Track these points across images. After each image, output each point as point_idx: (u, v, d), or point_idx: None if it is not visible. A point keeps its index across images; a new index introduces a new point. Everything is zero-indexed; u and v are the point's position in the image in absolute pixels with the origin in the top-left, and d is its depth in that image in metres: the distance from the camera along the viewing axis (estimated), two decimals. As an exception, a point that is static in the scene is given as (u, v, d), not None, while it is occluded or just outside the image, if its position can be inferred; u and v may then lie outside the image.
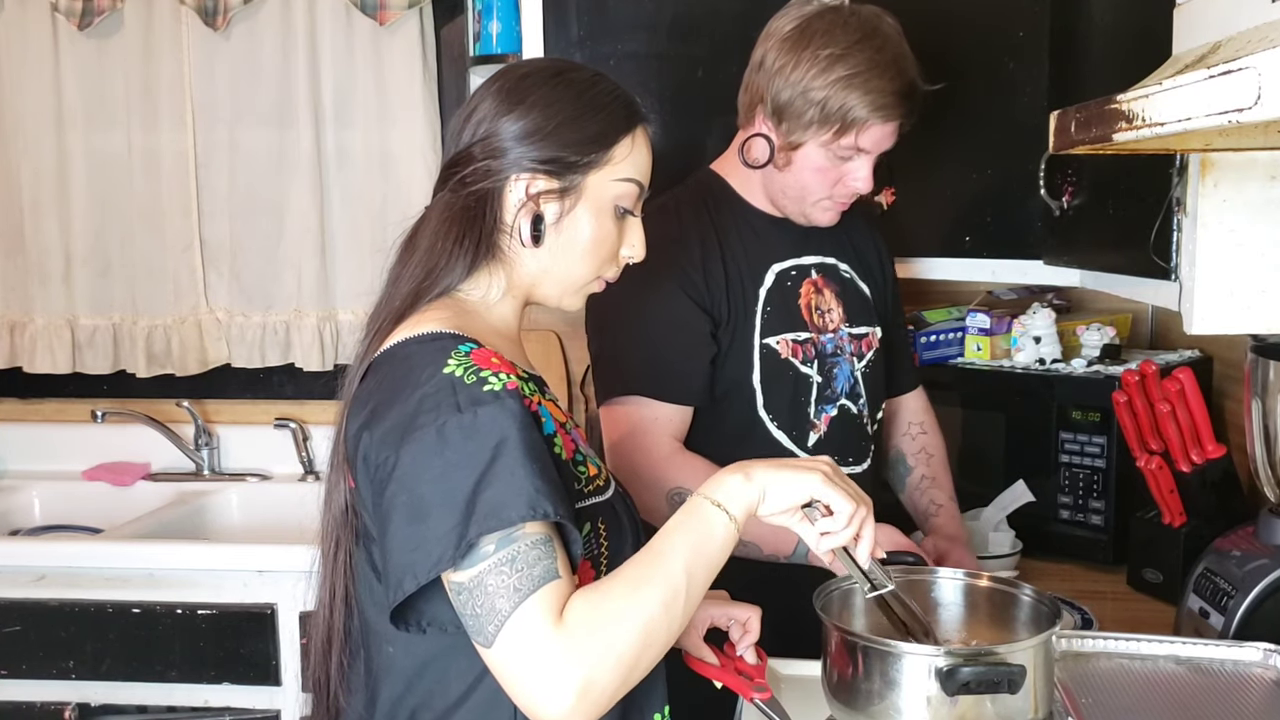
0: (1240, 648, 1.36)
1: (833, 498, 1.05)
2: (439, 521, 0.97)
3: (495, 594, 0.95)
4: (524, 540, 0.96)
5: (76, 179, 2.60)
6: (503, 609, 0.95)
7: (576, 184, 1.14)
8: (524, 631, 0.94)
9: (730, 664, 1.26)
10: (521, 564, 0.95)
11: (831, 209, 1.64)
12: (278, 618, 2.07)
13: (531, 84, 1.14)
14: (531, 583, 0.95)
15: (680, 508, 1.05)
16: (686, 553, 1.01)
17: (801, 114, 1.54)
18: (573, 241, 1.15)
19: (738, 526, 1.04)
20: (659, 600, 0.99)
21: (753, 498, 1.05)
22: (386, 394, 1.05)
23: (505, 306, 1.18)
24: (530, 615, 0.94)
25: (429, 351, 1.05)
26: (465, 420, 0.99)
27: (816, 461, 1.09)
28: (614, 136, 1.15)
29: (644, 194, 1.20)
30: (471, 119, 1.16)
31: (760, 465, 1.07)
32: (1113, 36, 1.61)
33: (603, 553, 1.12)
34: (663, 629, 0.99)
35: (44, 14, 2.55)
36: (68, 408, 2.73)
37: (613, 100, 1.16)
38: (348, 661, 1.15)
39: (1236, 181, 1.28)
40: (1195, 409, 1.72)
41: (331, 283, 2.61)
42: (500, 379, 1.03)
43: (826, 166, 1.58)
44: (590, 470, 1.15)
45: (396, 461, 1.00)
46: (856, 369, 1.71)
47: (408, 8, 2.47)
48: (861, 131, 1.54)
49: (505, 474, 0.97)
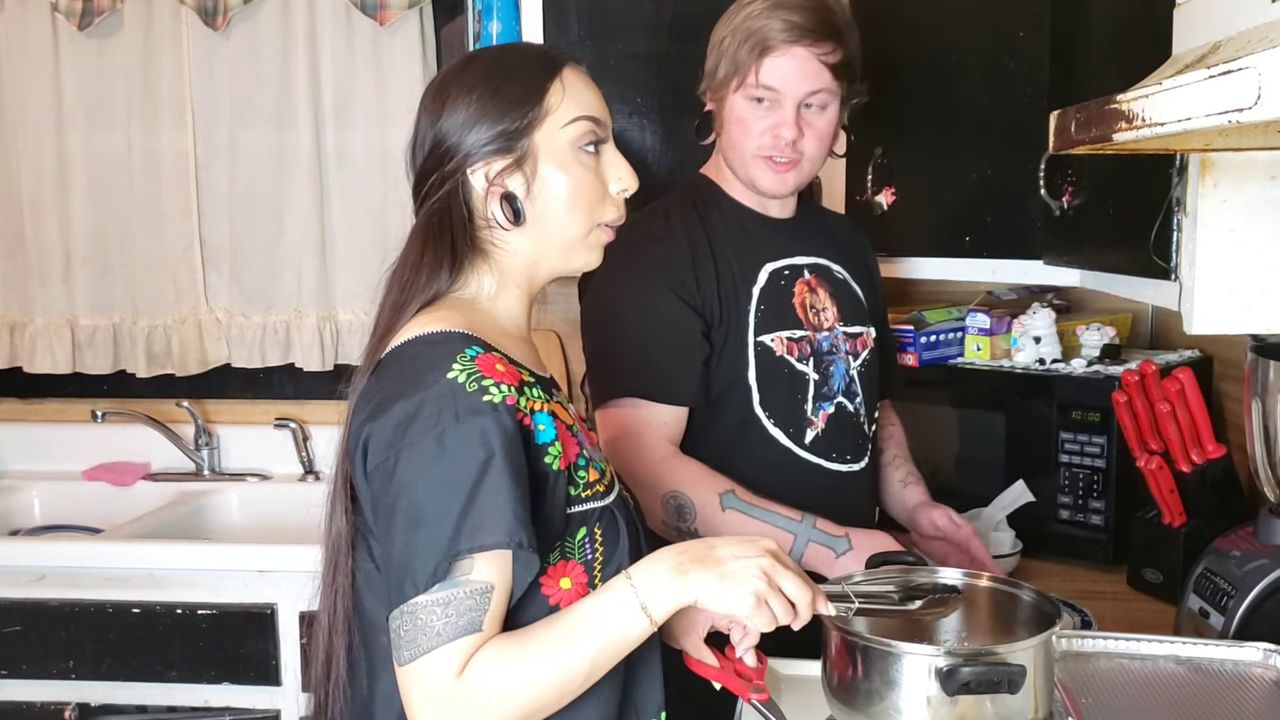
0: (1240, 648, 1.36)
1: (758, 622, 1.05)
2: (435, 531, 1.00)
3: (421, 629, 1.00)
4: (465, 587, 1.00)
5: (76, 179, 2.60)
6: (421, 645, 1.00)
7: (527, 148, 1.13)
8: (427, 674, 1.00)
9: (730, 665, 1.26)
10: (453, 610, 1.00)
11: (768, 170, 1.62)
12: (278, 618, 2.07)
13: (448, 81, 1.16)
14: (454, 631, 0.99)
15: (605, 590, 1.05)
16: (599, 646, 1.03)
17: (717, 69, 1.61)
18: (551, 202, 1.15)
19: (656, 627, 1.04)
20: (555, 681, 1.02)
21: (682, 602, 1.04)
22: (391, 391, 1.06)
23: (509, 301, 1.18)
24: (437, 662, 0.99)
25: (436, 353, 1.06)
26: (462, 430, 1.01)
27: (759, 557, 1.05)
28: (540, 87, 1.14)
29: (605, 125, 1.18)
30: (416, 142, 1.18)
31: (700, 569, 1.04)
32: (1113, 36, 1.61)
33: (596, 558, 1.12)
34: (551, 705, 1.03)
35: (44, 14, 2.56)
36: (68, 408, 2.73)
37: (525, 57, 1.17)
38: (348, 662, 1.15)
39: (1236, 181, 1.28)
40: (1195, 409, 1.72)
41: (331, 283, 2.61)
42: (500, 390, 1.03)
43: (746, 116, 1.60)
44: (591, 475, 1.14)
45: (396, 464, 1.02)
46: (852, 368, 1.71)
47: (408, 8, 2.47)
48: (761, 64, 1.56)
49: (492, 493, 1.00)
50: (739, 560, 1.05)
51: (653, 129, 2.03)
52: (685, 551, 1.07)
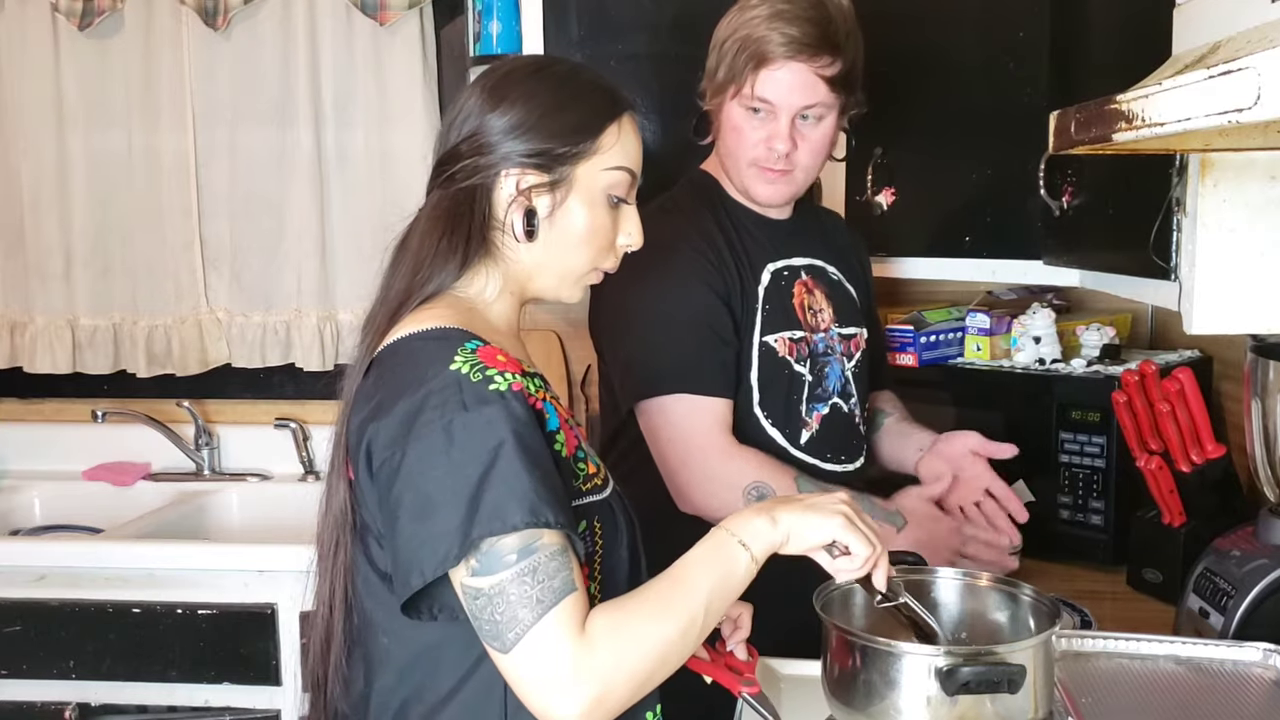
0: (1240, 648, 1.36)
1: (852, 541, 1.09)
2: (445, 519, 0.99)
3: (518, 603, 0.97)
4: (544, 551, 0.98)
5: (76, 179, 2.60)
6: (525, 619, 0.97)
7: (566, 176, 1.14)
8: (546, 642, 0.97)
9: (720, 659, 1.27)
10: (543, 575, 0.98)
11: (762, 179, 1.63)
12: (278, 618, 2.07)
13: (514, 80, 1.15)
14: (553, 595, 0.98)
15: (706, 540, 1.07)
16: (709, 586, 1.04)
17: (714, 74, 1.60)
18: (566, 233, 1.15)
19: (758, 565, 1.07)
20: (678, 628, 1.02)
21: (777, 539, 1.08)
22: (392, 389, 1.05)
23: (503, 303, 1.19)
24: (553, 627, 0.97)
25: (435, 348, 1.06)
26: (471, 419, 1.00)
27: (838, 501, 1.11)
28: (600, 125, 1.15)
29: (636, 182, 1.20)
30: (457, 119, 1.17)
31: (785, 507, 1.09)
32: (1113, 36, 1.61)
33: (597, 551, 1.13)
34: (676, 654, 1.03)
35: (44, 14, 2.55)
36: (68, 408, 2.73)
37: (594, 90, 1.17)
38: (346, 659, 1.15)
39: (1236, 181, 1.28)
40: (1195, 409, 1.72)
41: (331, 283, 2.61)
42: (506, 378, 1.03)
43: (741, 125, 1.59)
44: (589, 468, 1.15)
45: (403, 458, 1.01)
46: (847, 368, 1.72)
47: (408, 8, 2.47)
48: (757, 76, 1.55)
49: (509, 476, 0.99)
50: (820, 499, 1.12)
51: (652, 129, 2.03)
52: (768, 501, 1.12)
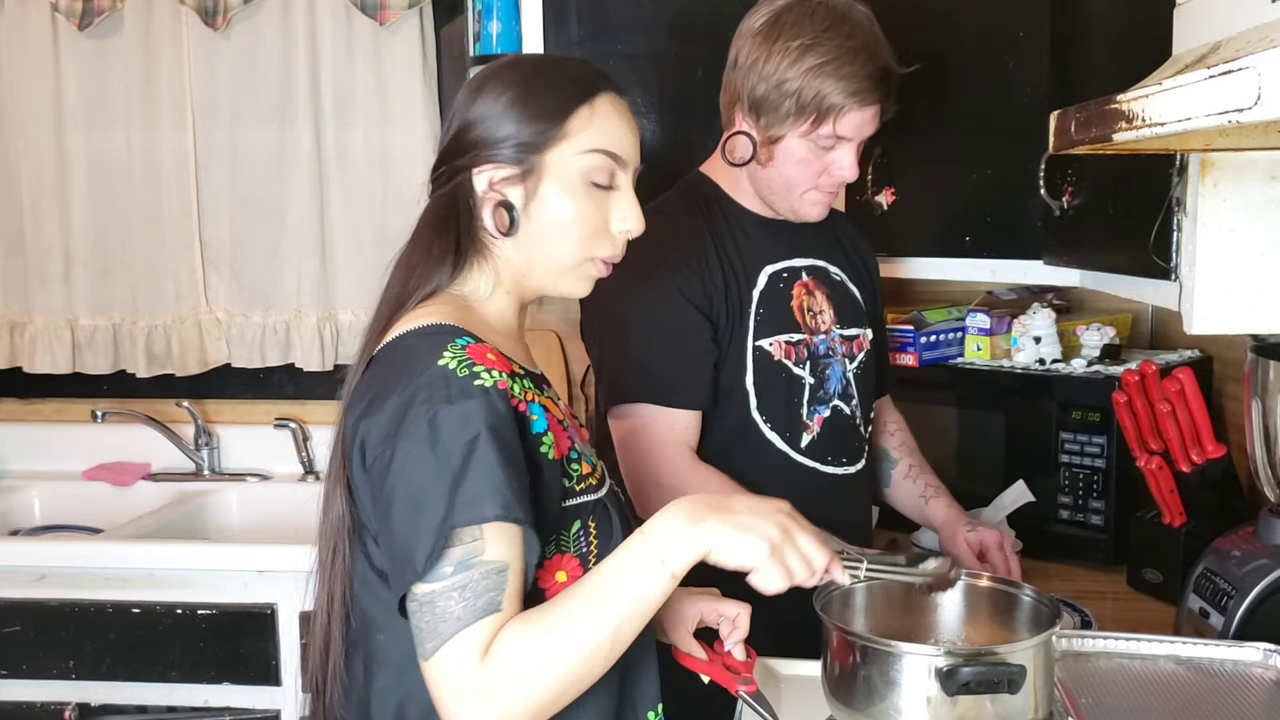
0: (1240, 648, 1.36)
1: (770, 578, 1.01)
2: (432, 514, 0.99)
3: (441, 616, 0.98)
4: (479, 569, 0.98)
5: (76, 179, 2.60)
6: (443, 632, 0.98)
7: (535, 164, 1.12)
8: (455, 659, 0.97)
9: (718, 659, 1.27)
10: (471, 593, 0.98)
11: (820, 201, 1.64)
12: (278, 618, 2.07)
13: (490, 76, 1.15)
14: (474, 614, 0.98)
15: (620, 551, 1.02)
16: (620, 611, 1.00)
17: (777, 106, 1.56)
18: (547, 223, 1.13)
19: (679, 579, 1.01)
20: (583, 652, 0.99)
21: (698, 553, 1.01)
22: (384, 385, 1.06)
23: (500, 303, 1.18)
24: (463, 645, 0.97)
25: (427, 344, 1.07)
26: (455, 411, 1.00)
27: (774, 521, 1.02)
28: (568, 108, 1.12)
29: (626, 165, 1.15)
30: (448, 121, 1.18)
31: (717, 515, 1.01)
32: (1113, 36, 1.61)
33: (591, 550, 1.13)
34: (583, 677, 1.01)
35: (44, 14, 2.56)
36: (68, 408, 2.73)
37: (566, 74, 1.15)
38: (345, 663, 1.15)
39: (1236, 181, 1.28)
40: (1195, 409, 1.72)
41: (331, 283, 2.61)
42: (492, 375, 1.04)
43: (809, 158, 1.58)
44: (584, 468, 1.15)
45: (393, 455, 1.02)
46: (848, 370, 1.71)
47: (408, 8, 2.47)
48: (839, 118, 1.54)
49: (484, 469, 0.99)
50: (755, 514, 1.03)
51: (652, 129, 2.03)
52: (700, 500, 1.04)
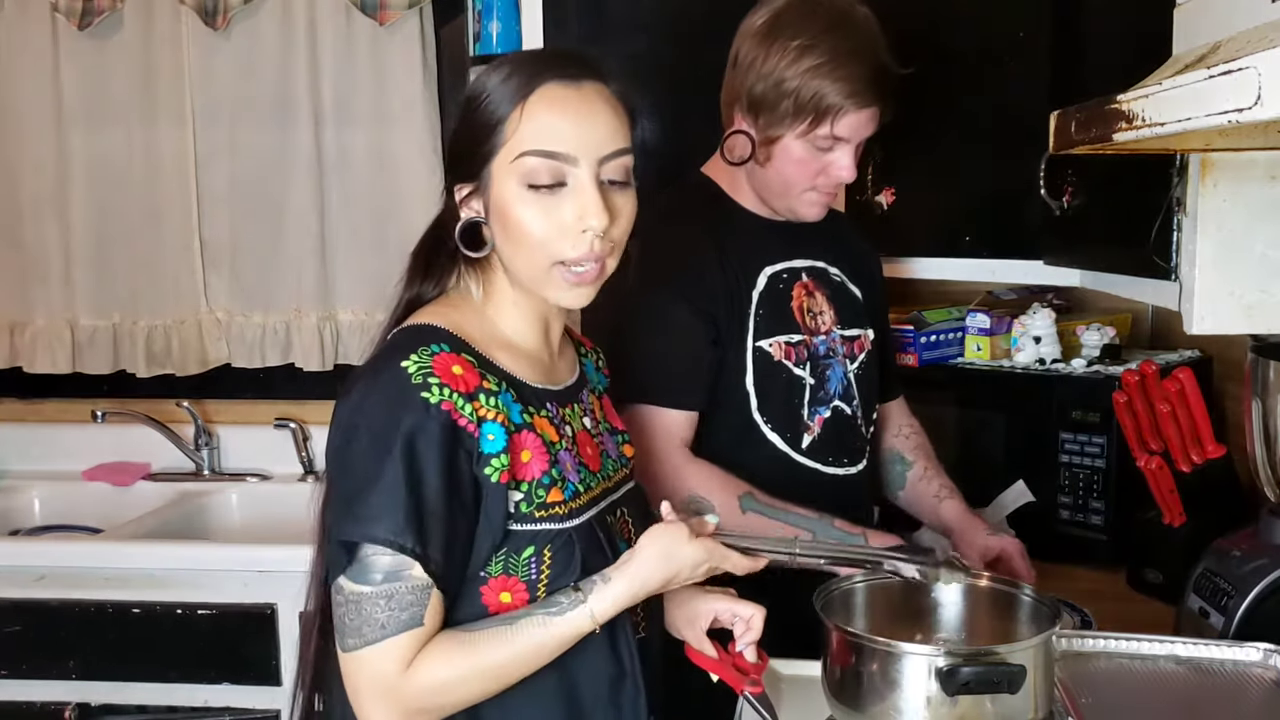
0: (1240, 648, 1.36)
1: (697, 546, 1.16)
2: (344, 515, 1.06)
3: (365, 620, 1.03)
4: (407, 582, 1.03)
5: (76, 179, 2.60)
6: (367, 635, 1.04)
7: (487, 177, 1.11)
8: (375, 664, 1.04)
9: (729, 660, 1.27)
10: (397, 604, 1.03)
11: (818, 202, 1.63)
12: (278, 618, 2.07)
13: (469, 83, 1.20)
14: (398, 625, 1.03)
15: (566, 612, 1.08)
16: (541, 658, 1.09)
17: (776, 106, 1.56)
18: (508, 234, 1.12)
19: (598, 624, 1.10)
20: (499, 680, 1.08)
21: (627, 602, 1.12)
22: (359, 373, 1.10)
23: (506, 312, 1.18)
24: (384, 653, 1.04)
25: (404, 342, 1.09)
26: (392, 418, 1.04)
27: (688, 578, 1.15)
28: (501, 115, 1.09)
29: (569, 158, 1.08)
30: None
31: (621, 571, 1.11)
32: (1113, 36, 1.61)
33: (542, 578, 1.11)
34: (493, 692, 1.09)
35: (44, 14, 2.55)
36: (68, 408, 2.72)
37: (504, 76, 1.11)
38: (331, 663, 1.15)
39: (1236, 182, 1.29)
40: (1195, 409, 1.72)
41: (331, 283, 2.60)
42: (440, 392, 1.05)
43: (807, 158, 1.58)
44: (553, 495, 1.12)
45: (338, 446, 1.07)
46: (849, 371, 1.71)
47: (408, 8, 2.47)
48: (837, 119, 1.54)
49: (393, 486, 1.03)
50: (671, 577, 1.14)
51: (652, 129, 2.02)
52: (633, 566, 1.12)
